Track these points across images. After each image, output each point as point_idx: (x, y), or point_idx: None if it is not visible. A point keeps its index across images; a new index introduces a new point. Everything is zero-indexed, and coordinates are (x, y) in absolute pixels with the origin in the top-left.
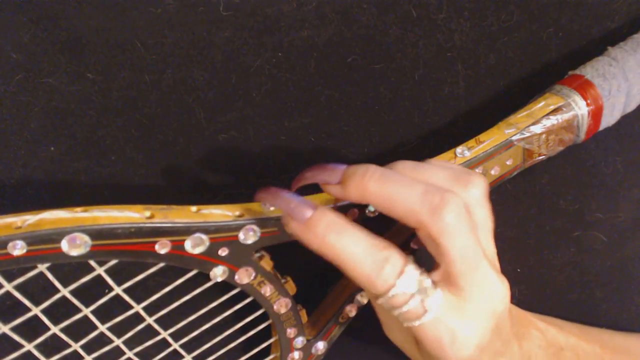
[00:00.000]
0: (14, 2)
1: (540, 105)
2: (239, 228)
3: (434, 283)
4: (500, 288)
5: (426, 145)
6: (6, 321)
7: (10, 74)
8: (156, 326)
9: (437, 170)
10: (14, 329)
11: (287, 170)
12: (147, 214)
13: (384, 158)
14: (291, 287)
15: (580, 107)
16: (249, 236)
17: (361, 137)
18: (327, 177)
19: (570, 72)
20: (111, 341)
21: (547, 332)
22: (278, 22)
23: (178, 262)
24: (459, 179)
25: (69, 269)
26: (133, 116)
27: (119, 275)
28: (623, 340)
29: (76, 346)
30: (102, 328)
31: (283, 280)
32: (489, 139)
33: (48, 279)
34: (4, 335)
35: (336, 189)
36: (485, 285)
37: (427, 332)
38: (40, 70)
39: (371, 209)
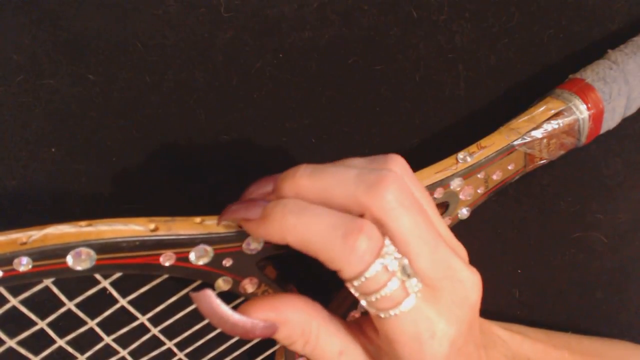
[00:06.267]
0: (15, 4)
1: (541, 109)
2: (242, 238)
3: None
4: (468, 274)
5: (427, 146)
6: (12, 335)
7: (11, 75)
8: (161, 337)
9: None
10: (20, 343)
11: None
12: (152, 226)
13: None
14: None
15: (581, 111)
16: (252, 246)
17: (362, 138)
18: (248, 214)
19: (570, 76)
20: (117, 352)
21: (512, 341)
22: (279, 24)
23: (183, 273)
24: (377, 161)
25: (74, 280)
26: (134, 117)
27: (123, 285)
28: (590, 344)
29: (82, 358)
30: (108, 340)
31: (287, 289)
32: (491, 144)
33: (53, 292)
34: (11, 349)
35: (256, 226)
36: (450, 268)
37: (404, 326)
38: (41, 71)
39: None
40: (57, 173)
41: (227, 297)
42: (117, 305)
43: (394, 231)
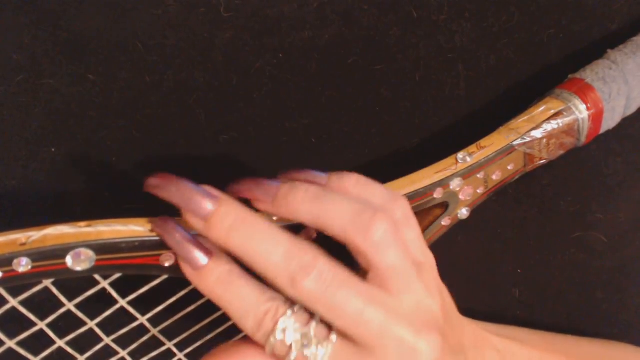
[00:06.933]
0: (15, 4)
1: (540, 109)
2: None
3: (328, 334)
4: (432, 305)
5: (427, 146)
6: (12, 335)
7: (11, 75)
8: (161, 337)
9: (371, 190)
10: (19, 344)
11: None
12: (151, 227)
13: (384, 159)
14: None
15: (580, 111)
16: None
17: (362, 138)
18: (260, 194)
19: (570, 76)
20: (117, 353)
21: (506, 351)
22: (279, 24)
23: (182, 274)
24: (388, 201)
25: (73, 280)
26: (134, 117)
27: (123, 286)
28: (589, 347)
29: (82, 358)
30: (107, 340)
31: None
32: (490, 144)
33: (53, 292)
34: (10, 349)
35: (267, 207)
36: (414, 299)
37: None
38: (41, 71)
39: None
40: (57, 173)
41: None
42: (117, 306)
43: (375, 265)
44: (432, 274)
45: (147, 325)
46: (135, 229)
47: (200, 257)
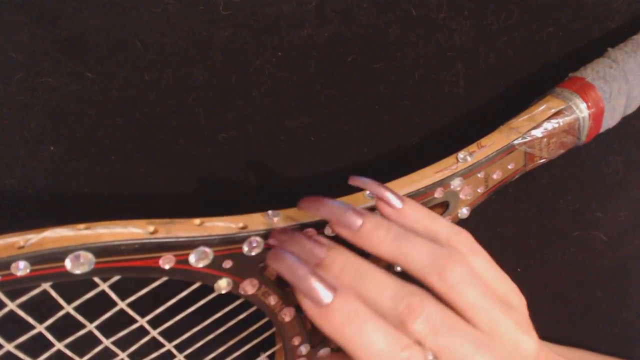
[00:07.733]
0: (14, 2)
1: (541, 108)
2: (242, 240)
3: None
4: (527, 342)
5: (427, 144)
6: (10, 338)
7: (10, 73)
8: (161, 339)
9: (437, 223)
10: (18, 347)
11: (287, 169)
12: (151, 229)
13: (384, 158)
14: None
15: (581, 110)
16: (252, 248)
17: (361, 136)
18: (346, 223)
19: (570, 74)
20: (116, 355)
21: None
22: (278, 22)
23: (182, 276)
24: (452, 234)
25: (73, 282)
26: (133, 116)
27: (122, 287)
28: None
29: None
30: (107, 342)
31: (287, 289)
32: (491, 144)
33: (51, 295)
34: (9, 353)
35: (348, 235)
36: (509, 338)
37: None
38: (40, 69)
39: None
40: (56, 171)
41: (226, 297)
42: (116, 308)
43: (456, 306)
44: (519, 309)
45: (147, 327)
46: (135, 231)
47: (325, 294)
